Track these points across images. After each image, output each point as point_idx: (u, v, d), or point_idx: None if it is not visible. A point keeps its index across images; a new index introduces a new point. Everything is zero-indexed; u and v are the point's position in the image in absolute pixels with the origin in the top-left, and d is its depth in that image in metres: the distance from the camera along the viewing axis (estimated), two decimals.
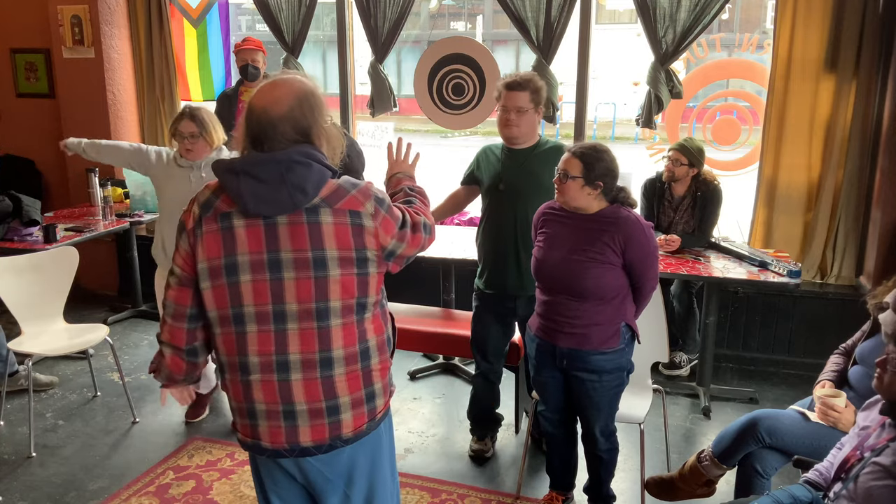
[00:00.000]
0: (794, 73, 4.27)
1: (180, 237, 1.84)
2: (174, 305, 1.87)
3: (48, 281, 3.87)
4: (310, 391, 1.81)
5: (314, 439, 1.84)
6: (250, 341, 1.80)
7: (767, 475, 2.67)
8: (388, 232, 1.82)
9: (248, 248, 1.76)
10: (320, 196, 1.75)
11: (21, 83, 5.84)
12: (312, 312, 1.77)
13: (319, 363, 1.80)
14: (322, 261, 1.75)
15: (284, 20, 5.14)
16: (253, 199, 1.72)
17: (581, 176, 2.64)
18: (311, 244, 1.75)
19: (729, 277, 3.84)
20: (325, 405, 1.82)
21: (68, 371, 4.51)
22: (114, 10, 5.55)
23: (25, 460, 3.55)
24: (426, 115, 5.06)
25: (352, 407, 1.85)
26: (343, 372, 1.82)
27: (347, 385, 1.83)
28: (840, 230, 4.38)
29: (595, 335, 2.70)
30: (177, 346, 1.91)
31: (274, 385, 1.81)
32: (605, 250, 2.64)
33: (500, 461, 3.57)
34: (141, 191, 5.10)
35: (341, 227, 1.76)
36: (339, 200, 1.77)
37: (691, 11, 4.31)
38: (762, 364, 4.58)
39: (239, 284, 1.77)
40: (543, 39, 4.64)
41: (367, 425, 1.89)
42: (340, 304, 1.79)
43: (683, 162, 4.13)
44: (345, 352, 1.82)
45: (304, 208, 1.74)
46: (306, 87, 1.81)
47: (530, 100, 3.14)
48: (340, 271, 1.77)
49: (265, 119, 1.75)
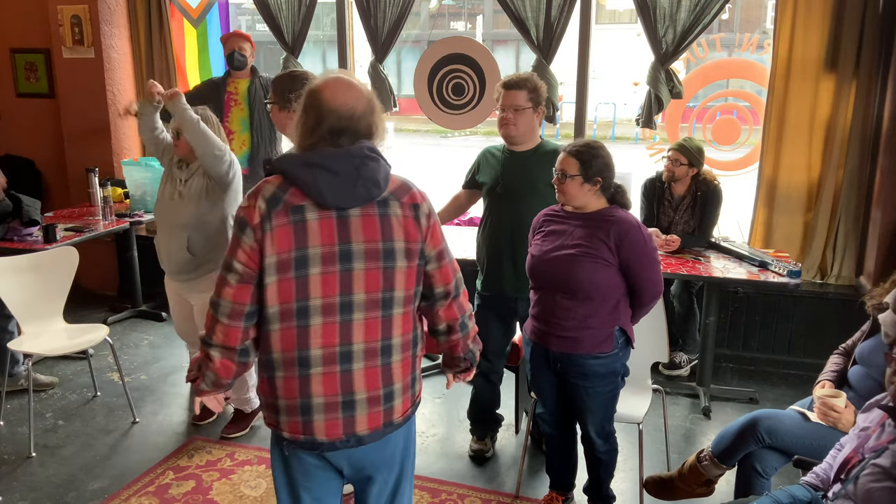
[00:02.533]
0: (795, 73, 4.27)
1: (243, 234, 1.80)
2: (232, 304, 1.82)
3: (48, 281, 3.86)
4: (370, 379, 1.87)
5: (370, 427, 1.90)
6: (313, 334, 1.82)
7: (767, 475, 2.67)
8: (434, 239, 1.92)
9: (320, 240, 1.79)
10: (389, 190, 1.86)
11: (21, 83, 5.84)
12: (379, 302, 1.85)
13: (381, 351, 1.87)
14: (391, 252, 1.84)
15: (284, 20, 5.14)
16: (330, 192, 1.78)
17: (579, 174, 2.65)
18: (382, 236, 1.83)
19: (729, 277, 3.84)
20: (382, 392, 1.89)
21: (68, 371, 4.51)
22: (114, 9, 5.55)
23: (25, 460, 3.55)
24: (426, 115, 5.06)
25: (402, 392, 1.94)
26: (399, 359, 1.91)
27: (402, 371, 1.92)
28: (840, 230, 4.38)
29: (587, 338, 2.69)
30: (230, 346, 1.86)
31: (336, 377, 1.85)
32: (600, 246, 2.64)
33: (500, 461, 3.57)
34: (141, 191, 5.10)
35: (408, 219, 1.86)
36: (405, 194, 1.88)
37: (691, 11, 4.31)
38: (762, 364, 4.58)
39: (307, 277, 1.79)
40: (543, 39, 4.64)
41: (411, 409, 1.99)
42: (403, 293, 1.88)
43: (683, 162, 4.13)
44: (402, 339, 1.91)
45: (376, 201, 1.83)
46: (369, 88, 1.93)
47: (528, 98, 3.14)
48: (406, 262, 1.86)
49: (352, 116, 1.83)
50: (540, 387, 2.92)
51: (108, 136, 5.66)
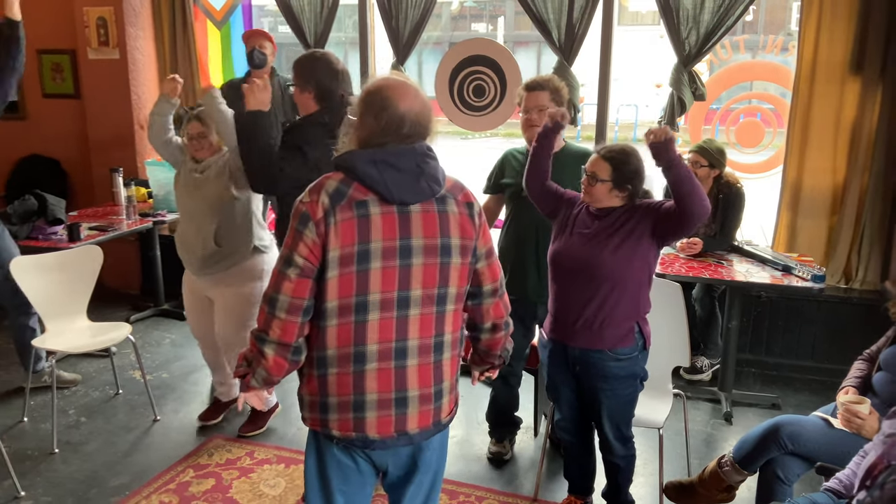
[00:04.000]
0: (819, 76, 4.22)
1: (305, 228, 1.80)
2: (291, 299, 1.81)
3: (72, 279, 3.91)
4: (423, 376, 1.91)
5: (420, 425, 1.92)
6: (370, 329, 1.83)
7: (789, 482, 2.64)
8: (484, 237, 1.97)
9: (382, 234, 1.82)
10: (447, 188, 1.92)
11: (47, 83, 5.92)
12: (434, 297, 1.88)
13: (434, 347, 1.91)
14: (448, 248, 1.88)
15: (307, 21, 5.16)
16: (395, 188, 1.82)
17: (610, 179, 2.63)
18: (440, 232, 1.87)
19: (752, 281, 3.80)
20: (433, 390, 1.93)
21: (91, 368, 4.56)
22: (139, 11, 5.61)
23: (48, 456, 3.59)
24: (447, 116, 5.05)
25: (450, 391, 1.98)
26: (449, 356, 1.96)
27: (451, 369, 1.97)
28: (865, 234, 4.32)
29: (608, 332, 2.66)
30: (286, 342, 1.84)
31: (390, 372, 1.87)
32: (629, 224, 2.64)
33: (519, 464, 3.56)
34: (164, 190, 5.15)
35: (464, 217, 1.91)
36: (460, 192, 1.94)
37: (715, 13, 4.28)
38: (785, 369, 4.53)
39: (368, 272, 1.81)
40: (565, 41, 4.63)
41: (455, 409, 2.03)
42: (457, 290, 1.92)
43: (703, 163, 4.10)
44: (452, 336, 1.95)
45: (435, 198, 1.88)
46: (425, 96, 1.96)
47: (551, 98, 3.14)
48: (460, 259, 1.91)
49: (423, 118, 1.89)
50: (557, 391, 2.90)
51: (132, 136, 5.72)
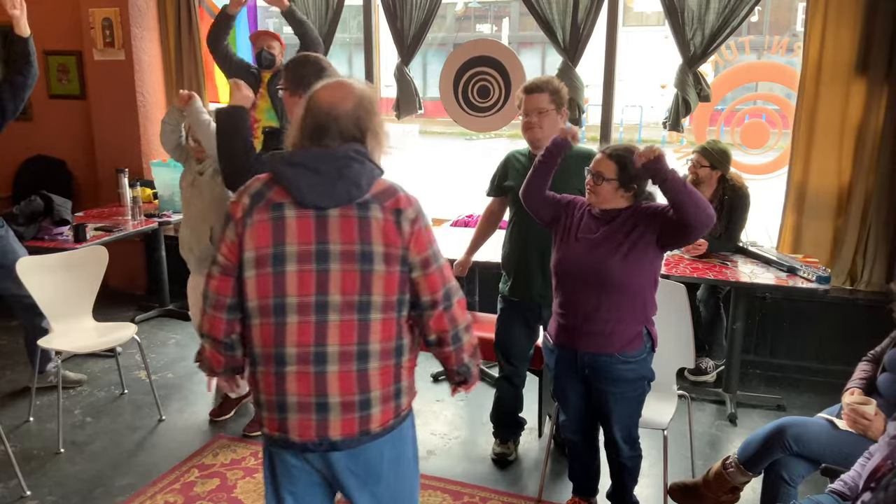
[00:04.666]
0: (825, 76, 4.21)
1: (227, 227, 1.88)
2: (215, 295, 1.90)
3: (78, 279, 3.92)
4: (345, 384, 1.84)
5: (344, 433, 1.86)
6: (289, 332, 1.83)
7: (794, 483, 2.63)
8: (418, 246, 1.86)
9: (297, 238, 1.81)
10: (371, 193, 1.83)
11: (53, 84, 5.94)
12: (355, 305, 1.82)
13: (357, 356, 1.84)
14: (368, 255, 1.81)
15: (311, 22, 5.16)
16: (310, 191, 1.80)
17: (616, 178, 2.62)
18: (359, 238, 1.81)
19: (756, 283, 3.80)
20: (357, 398, 1.86)
21: (96, 369, 4.57)
22: (144, 12, 5.63)
23: (54, 456, 3.60)
24: (451, 117, 5.06)
25: (381, 402, 1.89)
26: (378, 366, 1.86)
27: (380, 379, 1.88)
28: (871, 236, 4.31)
29: (617, 336, 2.65)
30: (215, 337, 1.94)
31: (310, 377, 1.84)
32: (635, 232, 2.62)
33: (523, 465, 3.56)
34: (169, 191, 5.16)
35: (388, 223, 1.82)
36: (389, 199, 1.84)
37: (720, 14, 4.28)
38: (790, 371, 4.52)
39: (284, 274, 1.81)
40: (570, 42, 4.63)
41: (393, 421, 1.93)
42: (382, 299, 1.84)
43: (705, 164, 4.10)
44: (381, 346, 1.86)
45: (355, 203, 1.82)
46: (367, 90, 1.91)
47: (550, 100, 3.13)
48: (385, 267, 1.83)
49: (330, 115, 1.84)
50: (564, 394, 2.89)
51: (137, 137, 5.73)
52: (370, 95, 1.91)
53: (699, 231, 2.58)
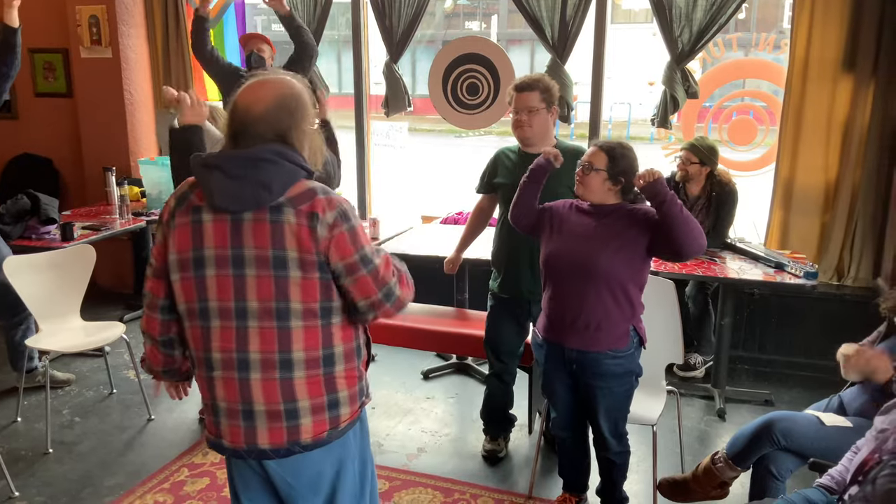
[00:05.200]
0: (812, 73, 4.24)
1: (157, 229, 1.90)
2: (150, 295, 1.91)
3: (65, 278, 3.90)
4: (268, 392, 1.80)
5: (272, 442, 1.82)
6: (214, 336, 1.81)
7: (782, 478, 2.65)
8: (339, 251, 1.76)
9: (213, 242, 1.77)
10: (287, 196, 1.74)
11: (39, 82, 5.90)
12: (272, 312, 1.76)
13: (279, 364, 1.78)
14: (282, 261, 1.74)
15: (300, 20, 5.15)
16: (220, 194, 1.74)
17: (605, 169, 2.65)
18: (272, 243, 1.74)
19: (744, 279, 3.82)
20: (283, 408, 1.80)
21: (84, 368, 4.55)
22: (131, 10, 5.60)
23: (42, 456, 3.58)
24: (441, 114, 5.06)
25: (312, 412, 1.82)
26: (303, 375, 1.80)
27: (307, 389, 1.81)
28: (857, 231, 4.34)
29: (604, 334, 2.67)
30: (153, 335, 1.95)
31: (235, 383, 1.81)
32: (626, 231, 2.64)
33: (513, 461, 3.57)
34: (157, 190, 5.14)
35: (302, 228, 1.73)
36: (305, 202, 1.74)
37: (707, 11, 4.29)
38: (778, 366, 4.55)
39: (205, 278, 1.78)
40: (558, 39, 4.63)
41: (329, 433, 1.85)
42: (301, 306, 1.77)
43: (694, 161, 4.12)
44: (305, 355, 1.79)
45: (269, 206, 1.74)
46: (290, 89, 1.81)
47: (541, 99, 3.14)
48: (301, 273, 1.75)
49: (245, 116, 1.77)
50: (553, 389, 2.90)
51: (125, 135, 5.70)
52: (294, 93, 1.81)
53: (685, 257, 2.65)
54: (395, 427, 3.86)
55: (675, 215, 2.53)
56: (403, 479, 3.38)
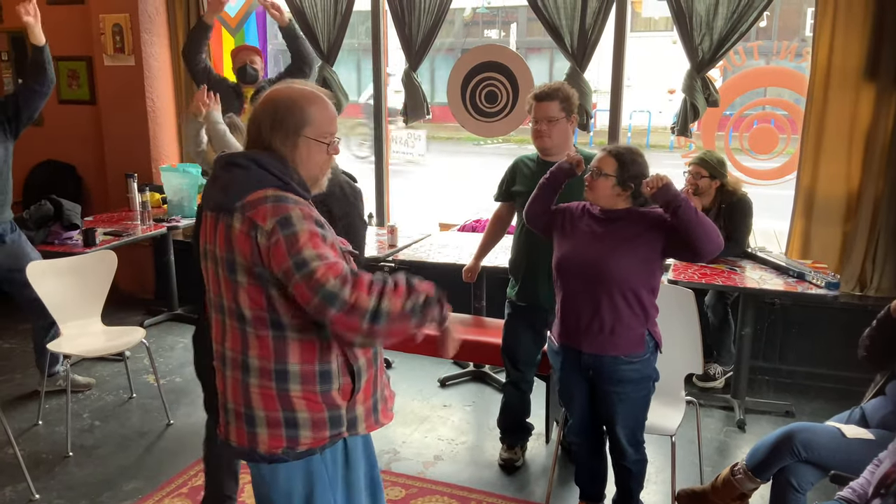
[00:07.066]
0: (834, 82, 4.20)
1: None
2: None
3: (87, 283, 3.94)
4: (234, 391, 1.84)
5: (238, 442, 1.86)
6: (213, 326, 1.89)
7: (803, 490, 2.61)
8: (276, 260, 1.68)
9: (204, 237, 1.85)
10: (243, 201, 1.72)
11: (63, 90, 5.98)
12: (235, 312, 1.79)
13: (241, 365, 1.81)
14: (232, 265, 1.75)
15: (320, 28, 5.19)
16: (205, 193, 1.89)
17: (614, 175, 2.64)
18: (226, 246, 1.76)
19: (765, 288, 3.78)
20: (244, 410, 1.82)
21: (105, 372, 4.59)
22: (154, 18, 5.66)
23: (62, 459, 3.61)
24: (459, 122, 5.07)
25: (267, 424, 1.80)
26: (257, 383, 1.79)
27: (262, 399, 1.80)
28: (880, 241, 4.28)
29: (621, 338, 2.66)
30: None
31: (220, 375, 1.89)
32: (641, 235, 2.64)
33: (530, 470, 3.55)
34: (178, 196, 5.19)
35: (243, 235, 1.71)
36: (253, 209, 1.70)
37: (728, 19, 4.27)
38: (799, 377, 4.49)
39: (208, 270, 1.86)
40: (577, 47, 4.63)
41: (285, 451, 1.80)
42: (250, 312, 1.76)
43: (704, 174, 4.11)
44: (259, 363, 1.78)
45: (227, 209, 1.74)
46: (286, 97, 1.80)
47: (560, 108, 3.13)
48: (248, 280, 1.74)
49: (260, 125, 1.81)
50: (570, 396, 2.89)
51: (147, 142, 5.76)
52: (287, 102, 1.79)
53: (703, 258, 2.64)
54: (411, 434, 3.86)
55: (691, 219, 2.52)
56: (420, 486, 3.38)
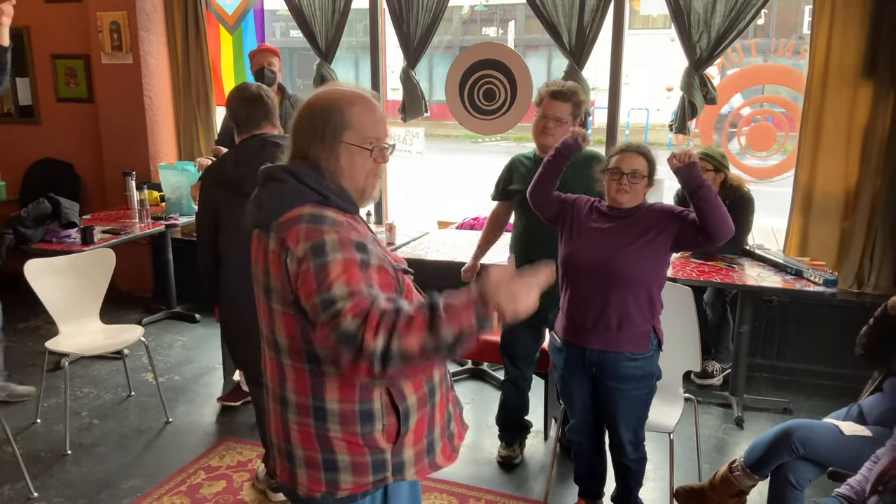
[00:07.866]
0: (832, 79, 4.20)
1: None
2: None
3: (85, 282, 3.94)
4: (276, 424, 1.68)
5: (282, 478, 1.71)
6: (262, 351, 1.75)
7: (801, 487, 2.62)
8: (304, 291, 1.50)
9: (252, 258, 1.68)
10: (280, 219, 1.56)
11: (61, 88, 5.97)
12: (270, 341, 1.65)
13: (279, 398, 1.65)
14: (269, 289, 1.60)
15: (318, 26, 5.19)
16: (247, 210, 1.66)
17: (647, 174, 2.68)
18: (263, 267, 1.61)
19: (763, 286, 3.79)
20: (284, 446, 1.67)
21: (103, 371, 4.59)
22: (151, 16, 5.65)
23: (61, 458, 3.61)
24: (457, 120, 5.06)
25: (306, 465, 1.64)
26: (295, 420, 1.63)
27: (300, 437, 1.63)
28: (878, 238, 4.29)
29: (626, 334, 2.66)
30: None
31: (265, 405, 1.75)
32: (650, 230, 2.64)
33: (529, 468, 3.56)
34: (176, 194, 5.18)
35: (276, 257, 1.56)
36: (287, 230, 1.54)
37: (726, 16, 4.27)
38: (797, 374, 4.50)
39: (258, 295, 1.69)
40: (576, 45, 4.63)
41: (324, 496, 1.64)
42: (287, 342, 1.60)
43: (709, 168, 4.10)
44: (296, 398, 1.62)
45: (264, 227, 1.60)
46: (324, 100, 1.66)
47: (571, 112, 3.14)
48: (281, 307, 1.58)
49: (292, 135, 1.68)
50: (571, 394, 2.89)
51: (145, 140, 5.76)
52: (329, 101, 1.65)
53: (718, 241, 2.63)
54: None
55: (712, 200, 2.55)
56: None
